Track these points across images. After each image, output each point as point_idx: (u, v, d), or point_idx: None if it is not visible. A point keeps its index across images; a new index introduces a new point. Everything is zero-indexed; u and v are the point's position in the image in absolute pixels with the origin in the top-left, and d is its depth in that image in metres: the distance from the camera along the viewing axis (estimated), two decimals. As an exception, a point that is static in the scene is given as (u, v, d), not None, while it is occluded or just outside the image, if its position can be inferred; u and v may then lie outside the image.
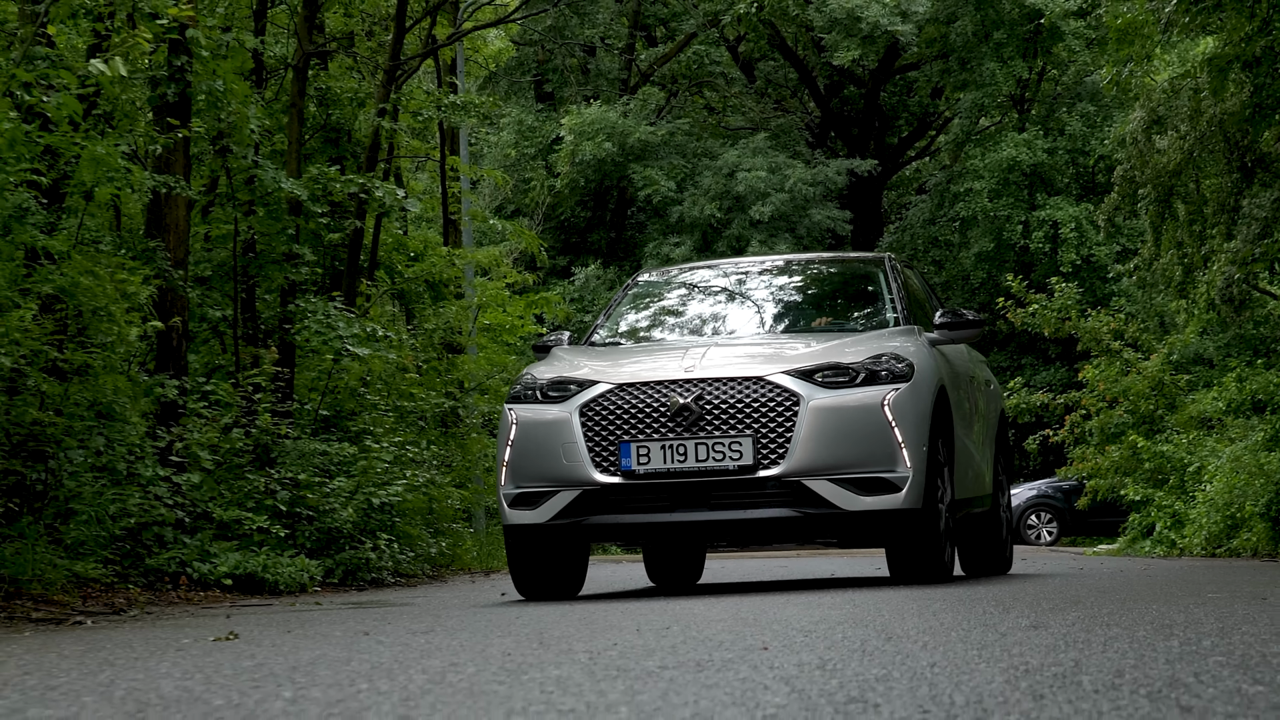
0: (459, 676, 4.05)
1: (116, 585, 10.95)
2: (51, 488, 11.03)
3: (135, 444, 11.95)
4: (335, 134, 18.34)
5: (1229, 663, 3.97)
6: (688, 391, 9.20)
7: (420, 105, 19.55)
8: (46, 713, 3.48)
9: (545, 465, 9.43)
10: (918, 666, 3.98)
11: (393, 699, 3.55)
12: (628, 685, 3.72)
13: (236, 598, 11.49)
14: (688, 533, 9.49)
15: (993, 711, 3.17)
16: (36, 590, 9.78)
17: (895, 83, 46.56)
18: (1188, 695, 3.33)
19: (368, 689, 3.78)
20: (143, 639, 6.26)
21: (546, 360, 10.22)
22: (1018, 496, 34.98)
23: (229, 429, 13.30)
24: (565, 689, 3.64)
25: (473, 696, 3.56)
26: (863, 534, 9.50)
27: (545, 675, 3.98)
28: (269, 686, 3.92)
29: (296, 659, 4.76)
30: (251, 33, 15.26)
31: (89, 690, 3.96)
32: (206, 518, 12.59)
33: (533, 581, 9.83)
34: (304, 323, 14.36)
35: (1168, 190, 19.34)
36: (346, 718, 3.24)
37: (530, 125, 42.88)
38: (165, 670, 4.49)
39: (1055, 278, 29.51)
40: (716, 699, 3.42)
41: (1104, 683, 3.58)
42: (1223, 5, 13.95)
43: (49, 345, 10.25)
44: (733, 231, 40.37)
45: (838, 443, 9.14)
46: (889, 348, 9.64)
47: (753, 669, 4.01)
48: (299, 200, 14.46)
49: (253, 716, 3.30)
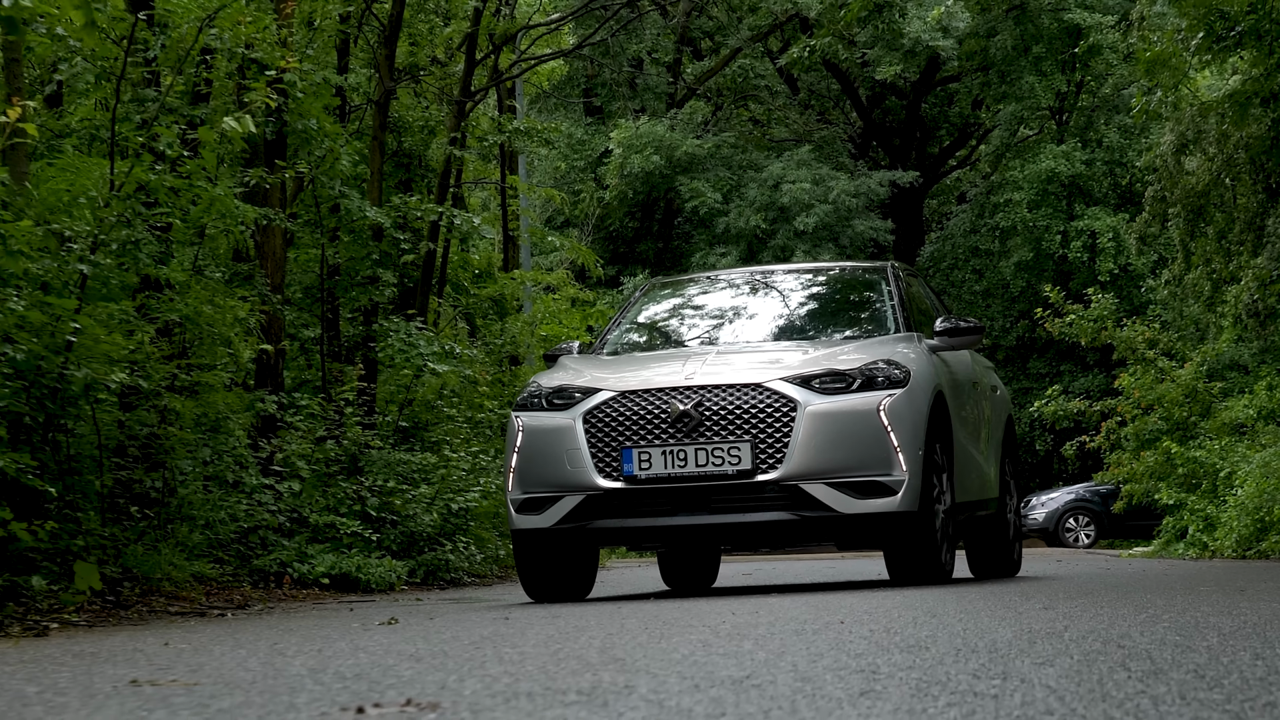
0: (628, 638, 5.20)
1: (230, 584, 12.09)
2: (166, 495, 12.17)
3: (240, 455, 13.12)
4: (406, 159, 19.50)
5: (1173, 626, 5.28)
6: (687, 398, 9.44)
7: (486, 131, 20.69)
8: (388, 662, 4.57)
9: (550, 471, 9.68)
10: (955, 629, 5.34)
11: (600, 653, 4.65)
12: (754, 643, 4.95)
13: (336, 595, 12.60)
14: (688, 536, 9.80)
15: (1001, 650, 4.47)
16: (167, 588, 10.90)
17: (936, 94, 47.55)
18: (1129, 643, 4.63)
19: (569, 649, 4.88)
20: (315, 625, 7.39)
21: (554, 369, 10.49)
22: (1056, 500, 35.97)
23: (322, 440, 14.45)
24: (710, 647, 4.80)
25: (650, 649, 4.71)
26: (859, 537, 9.80)
27: (690, 639, 5.15)
28: (489, 649, 5.02)
29: (479, 633, 5.90)
30: (334, 69, 16.42)
31: (390, 651, 5.08)
32: (303, 522, 13.72)
33: (541, 584, 10.09)
34: (386, 341, 15.50)
35: (1197, 210, 20.33)
36: (575, 658, 4.33)
37: (580, 139, 44.03)
38: (391, 642, 5.57)
39: (1093, 288, 30.47)
40: (821, 648, 4.69)
41: (1078, 635, 4.94)
42: (1243, 43, 14.96)
43: (167, 365, 11.39)
44: (777, 242, 41.44)
45: (834, 447, 9.37)
46: (886, 354, 9.89)
47: (837, 633, 5.29)
48: (381, 227, 15.60)
49: (524, 659, 4.37)
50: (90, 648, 5.88)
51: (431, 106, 20.54)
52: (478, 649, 5.04)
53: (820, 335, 10.99)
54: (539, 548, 9.87)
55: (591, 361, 10.57)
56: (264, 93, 9.71)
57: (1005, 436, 12.16)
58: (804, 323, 11.33)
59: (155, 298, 11.32)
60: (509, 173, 24.50)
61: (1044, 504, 36.18)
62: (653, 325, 11.71)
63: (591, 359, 10.73)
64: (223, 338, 11.53)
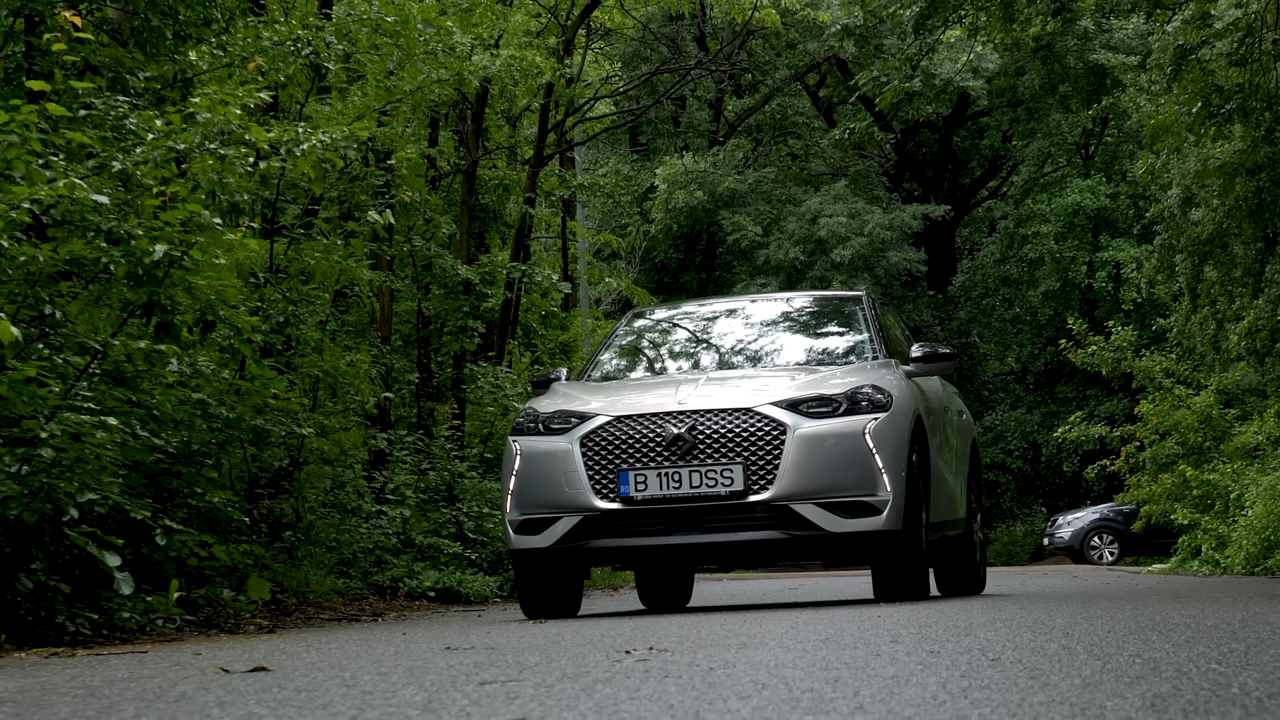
0: (750, 620, 7.21)
1: (357, 596, 14.18)
2: (297, 521, 14.28)
3: (358, 485, 15.24)
4: (483, 213, 21.63)
5: (1133, 620, 6.96)
6: (681, 422, 9.77)
7: (553, 188, 22.80)
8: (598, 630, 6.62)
9: (548, 493, 9.96)
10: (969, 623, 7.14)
11: (723, 625, 6.67)
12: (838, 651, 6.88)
13: (444, 606, 14.67)
14: (683, 555, 10.12)
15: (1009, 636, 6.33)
16: (312, 599, 13.00)
17: (968, 127, 49.57)
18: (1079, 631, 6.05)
19: (712, 634, 6.90)
20: (485, 622, 9.45)
21: (548, 395, 10.75)
22: (1081, 520, 37.89)
23: (425, 472, 16.56)
24: (815, 621, 6.78)
25: (764, 625, 6.72)
26: (847, 555, 10.17)
27: (775, 627, 7.14)
28: (655, 627, 7.06)
29: (631, 622, 7.92)
30: (426, 141, 18.56)
31: (601, 629, 7.11)
32: (410, 543, 15.83)
33: (538, 602, 10.31)
34: (476, 384, 17.61)
35: (1201, 256, 22.30)
36: (705, 634, 6.37)
37: (626, 174, 46.14)
38: (596, 625, 7.63)
39: (1114, 320, 32.44)
40: (899, 652, 6.59)
41: (1034, 622, 6.72)
42: (1232, 119, 16.99)
43: (313, 414, 13.51)
44: (815, 273, 43.47)
45: (822, 469, 9.71)
46: (869, 379, 10.21)
47: (873, 624, 7.14)
48: (470, 282, 17.73)
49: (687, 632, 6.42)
50: (350, 635, 7.93)
51: (501, 165, 22.67)
52: (649, 628, 7.04)
53: (802, 362, 11.33)
54: (537, 567, 10.15)
55: (584, 387, 10.88)
56: (404, 193, 11.74)
57: (970, 459, 12.50)
58: (786, 350, 11.68)
59: (300, 355, 13.44)
60: (569, 218, 26.63)
61: (1070, 523, 38.08)
62: (639, 352, 12.04)
63: (584, 385, 11.04)
64: (354, 388, 13.64)
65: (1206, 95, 18.08)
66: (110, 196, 8.00)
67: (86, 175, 8.12)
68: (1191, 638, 5.33)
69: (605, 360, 11.76)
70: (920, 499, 10.23)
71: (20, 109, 7.48)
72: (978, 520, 12.52)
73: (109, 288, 8.70)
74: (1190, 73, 18.08)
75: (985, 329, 47.07)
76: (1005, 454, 45.55)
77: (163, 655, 6.46)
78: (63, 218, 7.96)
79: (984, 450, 45.46)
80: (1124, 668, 3.99)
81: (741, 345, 11.88)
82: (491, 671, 4.61)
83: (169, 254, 8.35)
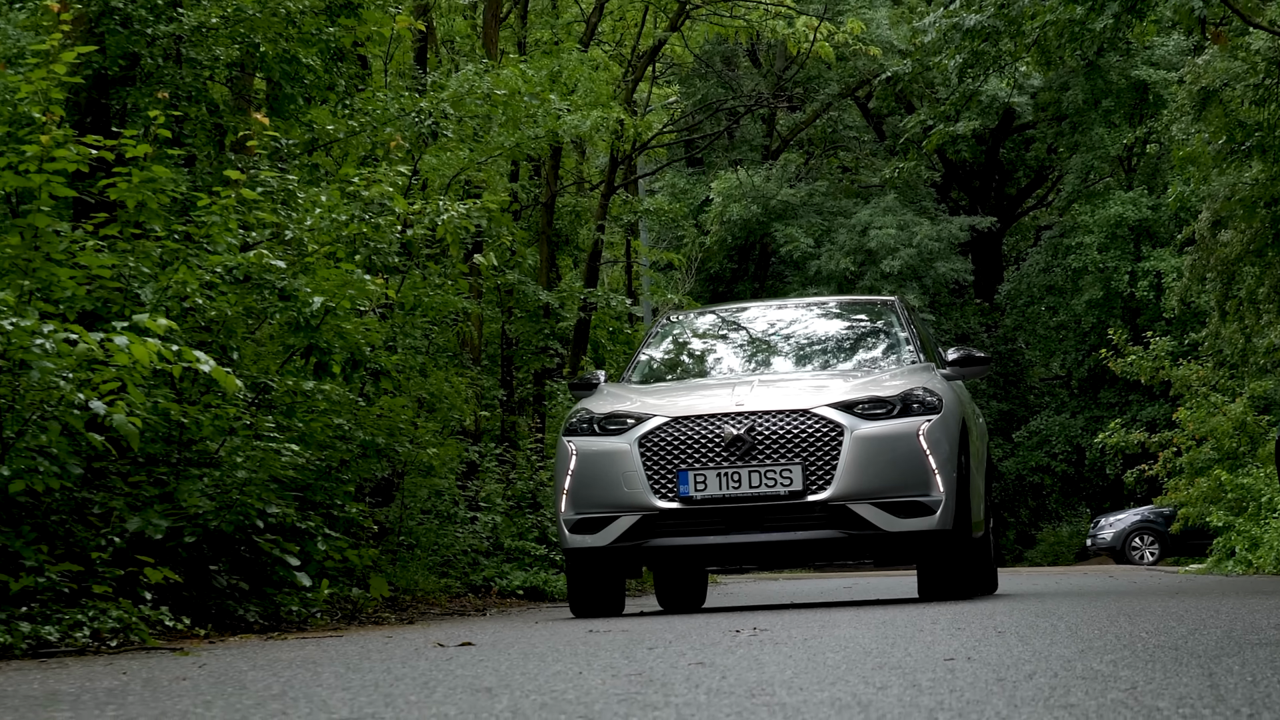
0: (818, 614, 8.81)
1: (457, 594, 15.82)
2: (399, 526, 15.93)
3: (453, 493, 16.89)
4: (556, 237, 23.27)
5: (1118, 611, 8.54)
6: (740, 423, 9.89)
7: (622, 212, 24.44)
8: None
9: (605, 493, 10.04)
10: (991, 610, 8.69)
11: (822, 622, 8.24)
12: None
13: (533, 603, 16.29)
14: (742, 554, 10.23)
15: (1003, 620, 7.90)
16: (420, 596, 14.64)
17: (1014, 139, 51.03)
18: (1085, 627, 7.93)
19: (795, 619, 8.47)
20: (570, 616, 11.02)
21: (596, 397, 10.81)
22: (1123, 521, 39.32)
23: (511, 481, 18.20)
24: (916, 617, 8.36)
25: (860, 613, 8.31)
26: (901, 554, 10.34)
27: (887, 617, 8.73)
28: (752, 615, 8.64)
29: (716, 615, 9.50)
30: (509, 176, 20.23)
31: (704, 617, 8.70)
32: (499, 546, 17.48)
33: (589, 601, 10.44)
34: (555, 399, 19.26)
35: (1230, 275, 23.79)
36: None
37: (682, 188, 47.78)
38: (697, 615, 9.20)
39: (1153, 329, 33.89)
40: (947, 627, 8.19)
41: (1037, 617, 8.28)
42: (1251, 153, 18.52)
43: (421, 431, 15.16)
44: (865, 283, 45.01)
45: (878, 469, 9.85)
46: (919, 382, 10.34)
47: (917, 611, 8.69)
48: (551, 306, 19.39)
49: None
50: (486, 623, 9.53)
51: (571, 190, 24.30)
52: (736, 617, 8.61)
53: (845, 364, 11.52)
54: (593, 566, 10.27)
55: (632, 389, 11.01)
56: (505, 235, 13.39)
57: (987, 462, 12.61)
58: (827, 352, 11.81)
59: (407, 378, 15.08)
60: (632, 238, 28.25)
61: (1112, 525, 39.48)
62: (681, 355, 12.13)
63: (630, 386, 11.17)
64: (455, 407, 15.29)
65: (1231, 130, 19.58)
66: (284, 259, 9.65)
67: (263, 241, 9.78)
68: (1146, 614, 6.86)
69: (645, 362, 11.85)
70: (967, 500, 10.41)
71: (220, 194, 9.15)
72: (991, 522, 12.63)
73: (275, 332, 10.34)
74: (1214, 109, 19.60)
75: (1030, 336, 48.56)
76: (1049, 457, 46.99)
77: (362, 638, 8.08)
78: (244, 276, 9.62)
79: (1029, 454, 46.96)
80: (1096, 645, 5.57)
81: (781, 348, 12.00)
82: (649, 641, 6.20)
83: (325, 304, 10.00)
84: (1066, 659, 4.49)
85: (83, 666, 6.00)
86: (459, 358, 17.39)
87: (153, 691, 4.29)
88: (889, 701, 3.50)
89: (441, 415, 15.54)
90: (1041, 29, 15.12)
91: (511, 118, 13.39)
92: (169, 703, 3.94)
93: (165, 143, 9.43)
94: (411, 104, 12.03)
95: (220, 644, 7.90)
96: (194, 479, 9.31)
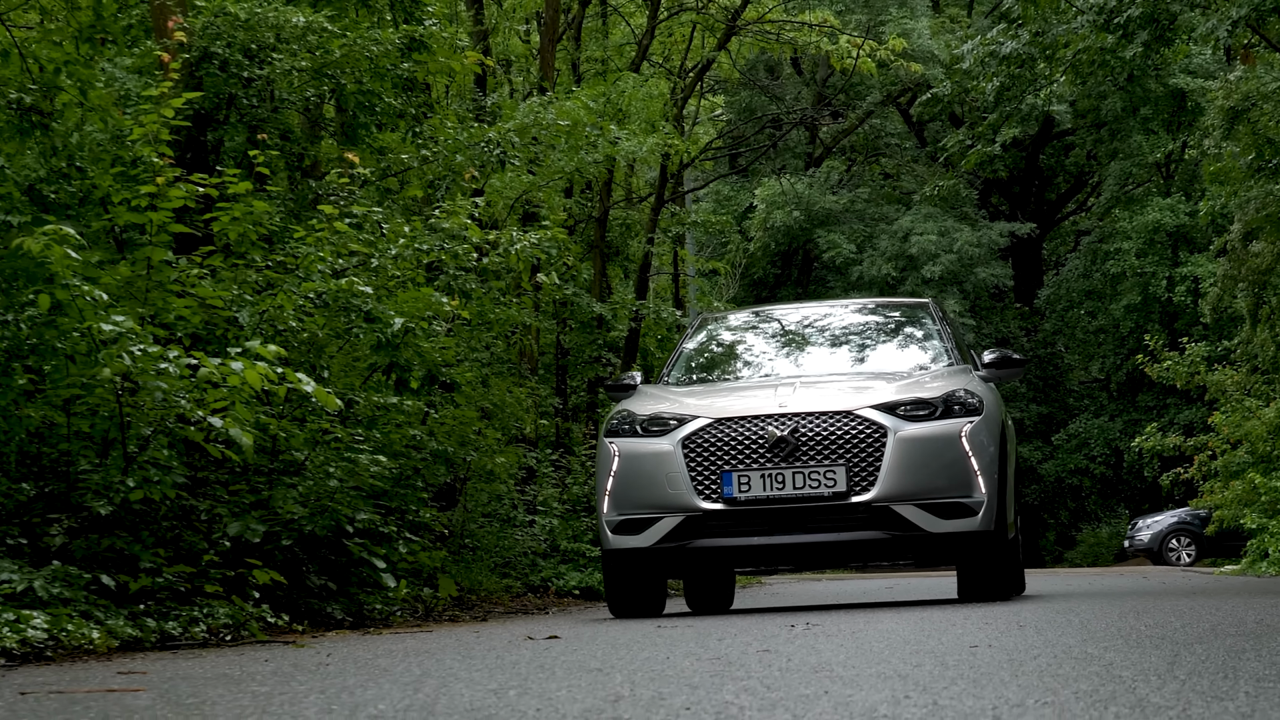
0: (862, 613, 9.62)
1: (518, 594, 16.66)
2: (459, 529, 16.78)
3: (512, 498, 17.74)
4: (608, 249, 24.11)
5: (1130, 608, 9.35)
6: (783, 425, 9.92)
7: (670, 224, 25.27)
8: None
9: (648, 493, 10.08)
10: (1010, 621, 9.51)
11: (866, 619, 9.04)
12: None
13: (589, 603, 17.10)
14: (786, 555, 10.21)
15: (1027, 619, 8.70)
16: (484, 595, 15.49)
17: (1053, 145, 51.70)
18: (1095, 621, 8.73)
19: (841, 616, 9.27)
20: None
21: (635, 398, 10.84)
22: (1160, 523, 39.98)
23: (566, 486, 19.04)
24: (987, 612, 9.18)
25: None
26: (942, 554, 10.24)
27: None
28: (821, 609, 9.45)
29: (767, 614, 10.31)
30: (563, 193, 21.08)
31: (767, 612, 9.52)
32: (555, 548, 18.32)
33: (630, 602, 10.54)
34: (608, 407, 20.06)
35: (1261, 284, 24.50)
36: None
37: (726, 195, 48.62)
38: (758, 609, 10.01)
39: (1187, 336, 34.53)
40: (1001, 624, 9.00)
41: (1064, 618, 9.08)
42: (1278, 170, 19.26)
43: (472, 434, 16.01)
44: (906, 288, 45.76)
45: (921, 471, 9.89)
46: (960, 384, 10.39)
47: (949, 608, 9.50)
48: (604, 317, 20.23)
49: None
50: (558, 620, 10.35)
51: (620, 205, 25.14)
52: (789, 615, 9.44)
53: (880, 365, 11.49)
54: (635, 566, 10.31)
55: (672, 390, 11.07)
56: (566, 255, 14.18)
57: (1014, 463, 12.44)
58: (864, 354, 11.80)
59: (472, 388, 15.93)
60: (679, 247, 29.09)
61: (1149, 526, 40.14)
62: (718, 357, 12.22)
63: (669, 388, 11.22)
64: (516, 416, 16.15)
65: (1260, 147, 20.32)
66: (370, 284, 10.51)
67: (350, 268, 10.64)
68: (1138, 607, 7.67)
69: (682, 363, 11.87)
70: (1006, 501, 10.47)
71: (314, 227, 10.02)
72: (1019, 523, 12.65)
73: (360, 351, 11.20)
74: (1242, 127, 20.34)
75: (1070, 340, 49.25)
76: (1088, 460, 47.65)
77: (453, 633, 8.93)
78: (333, 300, 10.48)
79: (1068, 456, 47.65)
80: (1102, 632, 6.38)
81: (818, 348, 12.03)
82: (715, 634, 7.03)
83: (405, 325, 10.85)
84: (1068, 646, 5.33)
85: (219, 656, 6.84)
86: (518, 368, 18.24)
87: (308, 674, 5.11)
88: (922, 674, 4.39)
89: (502, 423, 16.38)
90: (1074, 56, 15.89)
91: (572, 145, 14.25)
92: (334, 680, 4.76)
93: (260, 178, 10.32)
94: (480, 134, 12.89)
95: (322, 639, 8.74)
96: (287, 487, 10.16)
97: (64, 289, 8.32)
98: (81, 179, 9.45)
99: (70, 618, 7.50)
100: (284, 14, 10.75)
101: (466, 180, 12.01)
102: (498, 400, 15.63)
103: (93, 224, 9.81)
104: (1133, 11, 14.85)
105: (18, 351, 8.81)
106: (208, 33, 10.68)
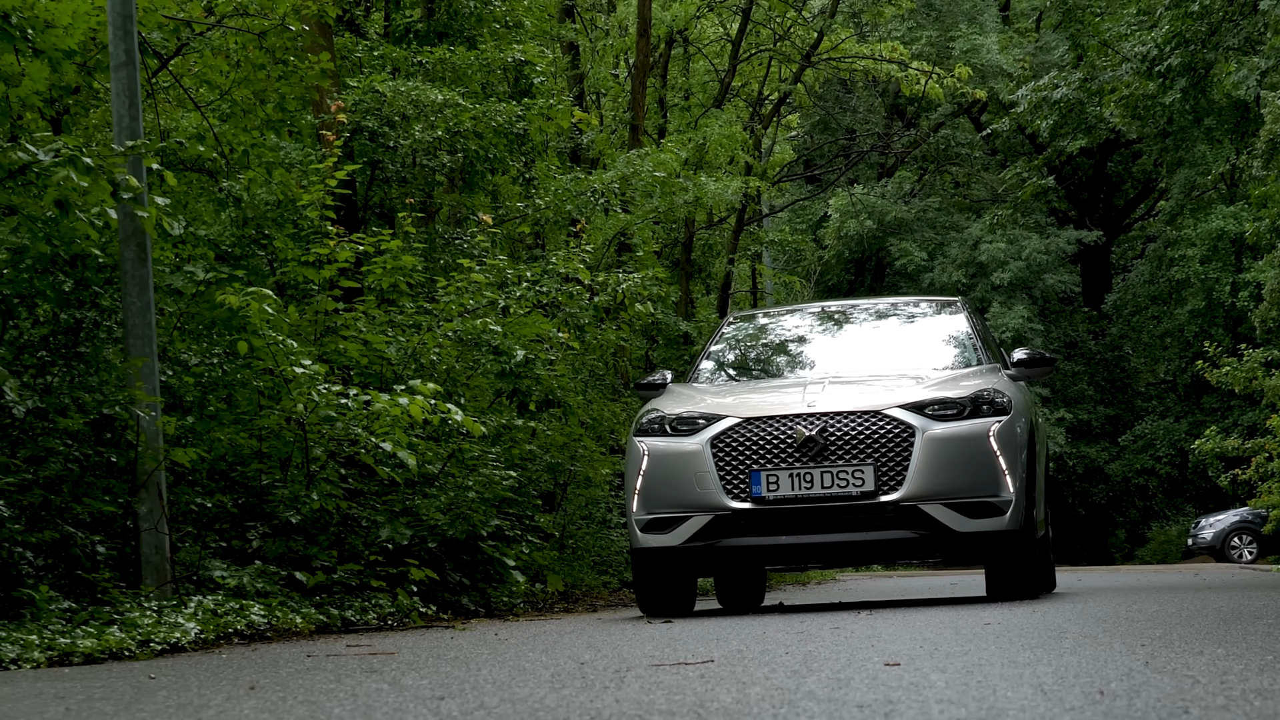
0: (905, 608, 11.35)
1: (615, 590, 18.43)
2: (561, 531, 18.58)
3: (606, 501, 19.53)
4: (691, 269, 25.89)
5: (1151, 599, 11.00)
6: (812, 424, 9.97)
7: (749, 244, 27.04)
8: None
9: (677, 493, 10.14)
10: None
11: (908, 610, 10.74)
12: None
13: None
14: (814, 554, 10.29)
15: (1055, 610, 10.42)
16: (586, 590, 17.27)
17: (1121, 153, 53.09)
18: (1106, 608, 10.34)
19: (889, 609, 10.98)
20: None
21: (665, 397, 10.92)
22: (1223, 522, 41.39)
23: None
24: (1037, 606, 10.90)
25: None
26: (970, 554, 10.31)
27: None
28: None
29: (817, 610, 12.04)
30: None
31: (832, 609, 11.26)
32: (646, 547, 20.09)
33: (659, 600, 10.63)
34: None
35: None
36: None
37: (800, 205, 50.34)
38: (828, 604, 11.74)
39: (1245, 344, 35.97)
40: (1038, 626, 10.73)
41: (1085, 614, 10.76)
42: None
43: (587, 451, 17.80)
44: (976, 295, 47.34)
45: (949, 470, 9.92)
46: (988, 384, 10.41)
47: (968, 601, 11.19)
48: (689, 334, 22.01)
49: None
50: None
51: (702, 227, 26.88)
52: (836, 608, 11.14)
53: (912, 365, 11.34)
54: (664, 565, 10.38)
55: (702, 389, 11.15)
56: (662, 289, 15.95)
57: (1046, 462, 12.43)
58: (893, 353, 11.72)
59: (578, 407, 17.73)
60: (757, 263, 30.84)
61: (1212, 525, 41.56)
62: (747, 356, 12.29)
63: (699, 387, 11.30)
64: (613, 429, 17.95)
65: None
66: (498, 322, 12.34)
67: (482, 308, 12.48)
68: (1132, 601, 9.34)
69: (709, 364, 11.95)
70: (1034, 500, 10.51)
71: (455, 278, 11.90)
72: (1049, 520, 12.51)
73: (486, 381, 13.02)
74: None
75: (1136, 344, 50.66)
76: (1154, 460, 49.05)
77: (578, 621, 10.73)
78: (466, 337, 12.31)
79: (1134, 457, 49.10)
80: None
81: (847, 349, 12.03)
82: (785, 620, 8.78)
83: (526, 356, 12.67)
84: (1065, 625, 7.05)
85: (401, 638, 8.65)
86: (614, 385, 20.03)
87: (492, 650, 6.87)
88: (945, 640, 6.14)
89: (600, 435, 18.16)
90: (1119, 101, 17.51)
91: (665, 191, 16.07)
92: (521, 652, 6.52)
93: (405, 235, 12.18)
94: (585, 184, 14.73)
95: (471, 626, 10.55)
96: (432, 497, 11.98)
97: (258, 336, 10.17)
98: (268, 241, 11.30)
99: (277, 607, 9.34)
100: (424, 91, 12.59)
101: (580, 230, 13.86)
102: (597, 415, 17.41)
103: (268, 279, 11.67)
104: (1173, 61, 16.45)
105: (213, 386, 10.69)
106: (360, 107, 12.53)
